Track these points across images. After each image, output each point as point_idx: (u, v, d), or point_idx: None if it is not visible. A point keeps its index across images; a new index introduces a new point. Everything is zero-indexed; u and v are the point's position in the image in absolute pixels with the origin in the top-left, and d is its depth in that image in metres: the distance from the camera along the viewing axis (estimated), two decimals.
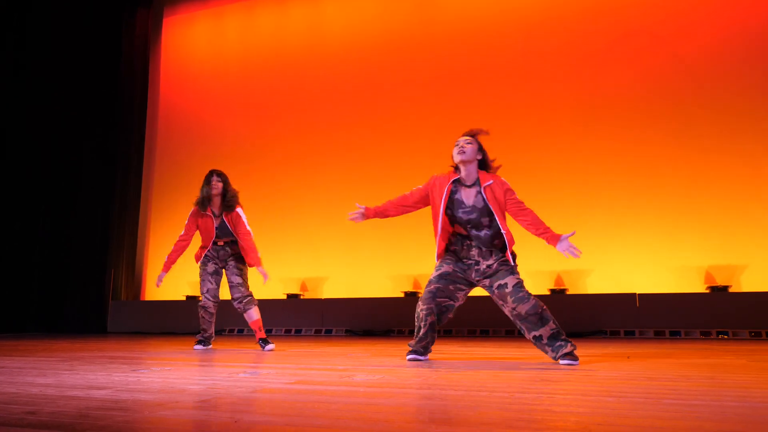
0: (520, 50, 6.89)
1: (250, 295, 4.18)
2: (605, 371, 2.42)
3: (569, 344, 2.78)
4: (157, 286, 4.29)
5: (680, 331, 5.31)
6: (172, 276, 7.83)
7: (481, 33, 7.10)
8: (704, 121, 6.03)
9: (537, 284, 6.15)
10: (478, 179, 2.97)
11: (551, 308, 2.86)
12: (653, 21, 6.41)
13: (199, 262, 4.26)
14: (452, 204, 2.97)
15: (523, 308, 2.82)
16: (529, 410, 1.50)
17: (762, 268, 5.56)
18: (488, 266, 2.93)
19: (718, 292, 5.47)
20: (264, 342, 4.10)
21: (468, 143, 2.96)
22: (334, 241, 7.19)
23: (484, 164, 3.03)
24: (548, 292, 5.99)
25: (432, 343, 3.05)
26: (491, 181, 2.94)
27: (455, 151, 2.97)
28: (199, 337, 4.25)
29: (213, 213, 4.21)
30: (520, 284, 2.87)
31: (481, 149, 3.01)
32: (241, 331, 6.77)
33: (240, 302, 4.14)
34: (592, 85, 6.52)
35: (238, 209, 4.24)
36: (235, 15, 8.50)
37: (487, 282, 2.95)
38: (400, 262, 6.79)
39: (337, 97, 7.64)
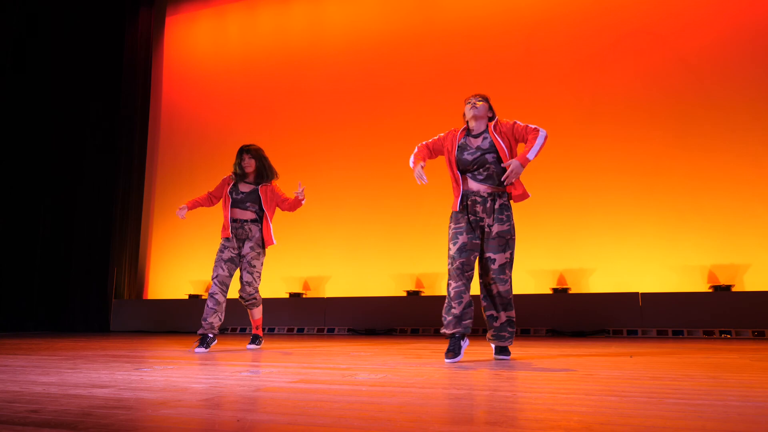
0: (522, 49, 6.88)
1: (256, 296, 4.14)
2: (608, 370, 2.42)
3: (510, 340, 3.06)
4: (181, 216, 4.00)
5: (683, 330, 5.31)
6: (175, 275, 7.94)
7: (483, 32, 7.09)
8: (707, 120, 6.01)
9: (539, 283, 6.15)
10: (485, 130, 3.16)
11: (554, 307, 2.90)
12: (654, 20, 6.39)
13: (221, 240, 4.07)
14: (460, 149, 3.13)
15: (499, 288, 3.00)
16: (531, 409, 1.50)
17: (765, 268, 5.54)
18: (489, 226, 3.04)
19: (721, 291, 5.46)
20: (255, 338, 4.20)
21: (479, 101, 3.16)
22: (337, 240, 7.19)
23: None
24: (551, 291, 5.98)
25: (470, 321, 3.00)
26: (495, 123, 3.15)
27: (467, 107, 3.16)
28: (200, 331, 3.82)
29: (245, 182, 4.13)
30: (505, 265, 3.01)
31: (491, 108, 3.21)
32: (243, 329, 6.78)
33: (246, 301, 4.16)
34: (593, 84, 6.51)
35: (275, 184, 4.24)
36: (237, 14, 8.50)
37: (482, 244, 3.06)
38: (403, 261, 6.80)
39: (338, 96, 7.64)
